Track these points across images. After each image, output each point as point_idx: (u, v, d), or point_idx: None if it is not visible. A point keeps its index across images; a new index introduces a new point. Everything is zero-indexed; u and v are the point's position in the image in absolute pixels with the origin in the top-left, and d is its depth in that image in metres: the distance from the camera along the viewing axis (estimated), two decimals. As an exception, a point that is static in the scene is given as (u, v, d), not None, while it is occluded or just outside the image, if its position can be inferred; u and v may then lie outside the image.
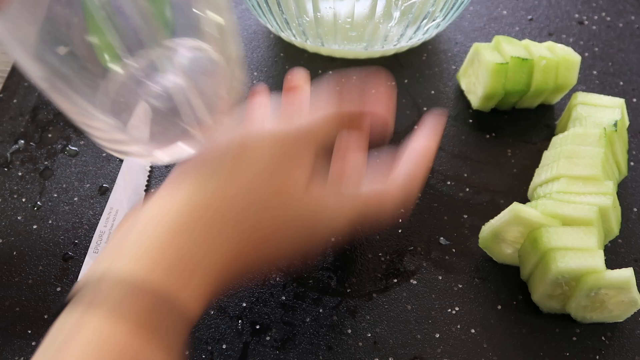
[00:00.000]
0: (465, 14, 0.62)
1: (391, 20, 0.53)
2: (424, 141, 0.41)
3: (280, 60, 0.58)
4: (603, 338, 0.44)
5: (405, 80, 0.57)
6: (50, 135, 0.53)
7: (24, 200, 0.49)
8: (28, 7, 0.29)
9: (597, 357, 0.43)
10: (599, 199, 0.44)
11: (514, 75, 0.51)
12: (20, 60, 0.31)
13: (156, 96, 0.33)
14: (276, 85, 0.56)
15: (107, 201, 0.49)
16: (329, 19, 0.53)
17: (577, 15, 0.62)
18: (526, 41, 0.53)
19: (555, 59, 0.51)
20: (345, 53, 0.57)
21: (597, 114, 0.49)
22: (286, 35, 0.57)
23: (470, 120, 0.54)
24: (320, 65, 0.57)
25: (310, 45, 0.57)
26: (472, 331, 0.44)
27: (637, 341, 0.44)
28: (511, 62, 0.51)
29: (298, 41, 0.57)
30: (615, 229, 0.45)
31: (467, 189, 0.50)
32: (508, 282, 0.46)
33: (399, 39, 0.55)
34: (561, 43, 0.60)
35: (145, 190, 0.50)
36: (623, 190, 0.50)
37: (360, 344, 0.43)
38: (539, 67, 0.51)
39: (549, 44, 0.53)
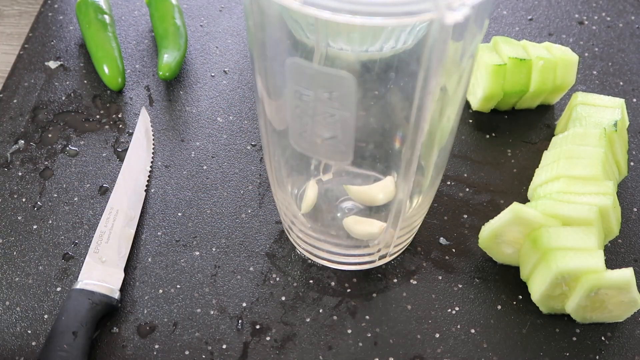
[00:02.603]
0: (465, 14, 0.62)
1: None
2: None
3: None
4: (603, 338, 0.44)
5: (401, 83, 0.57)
6: (50, 135, 0.53)
7: (24, 200, 0.49)
8: None
9: (597, 357, 0.43)
10: (599, 199, 0.44)
11: (512, 76, 0.51)
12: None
13: None
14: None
15: (107, 201, 0.49)
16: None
17: (577, 15, 0.62)
18: (524, 42, 0.53)
19: (553, 59, 0.51)
20: (348, 55, 0.57)
21: (597, 114, 0.49)
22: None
23: (470, 121, 0.54)
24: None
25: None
26: (472, 331, 0.44)
27: (637, 341, 0.44)
28: (509, 63, 0.51)
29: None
30: (615, 229, 0.45)
31: (467, 189, 0.50)
32: (508, 282, 0.46)
33: (396, 40, 0.55)
34: (561, 43, 0.60)
35: (146, 191, 0.50)
36: (623, 190, 0.50)
37: (360, 344, 0.43)
38: (537, 67, 0.51)
39: (547, 44, 0.53)
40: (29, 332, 0.43)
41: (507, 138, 0.53)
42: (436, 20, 0.28)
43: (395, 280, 0.46)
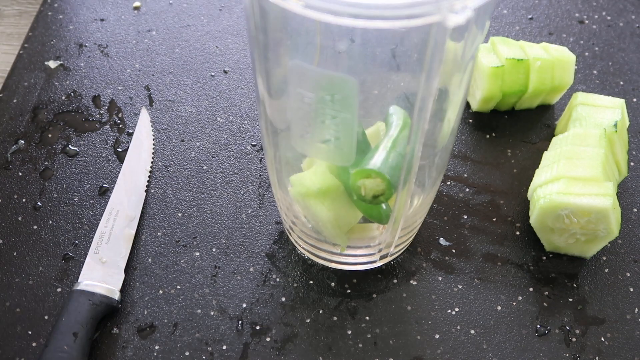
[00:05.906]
0: (465, 14, 0.61)
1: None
2: None
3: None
4: (603, 339, 0.44)
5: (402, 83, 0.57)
6: (50, 135, 0.53)
7: (24, 200, 0.49)
8: None
9: (597, 357, 0.43)
10: (599, 199, 0.44)
11: (510, 77, 0.51)
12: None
13: None
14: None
15: (107, 202, 0.49)
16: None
17: (577, 15, 0.62)
18: (521, 42, 0.53)
19: (550, 59, 0.51)
20: (349, 58, 0.57)
21: (597, 115, 0.49)
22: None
23: (470, 121, 0.54)
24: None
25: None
26: (472, 332, 0.44)
27: (637, 341, 0.44)
28: (507, 64, 0.51)
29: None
30: (615, 229, 0.45)
31: (467, 189, 0.50)
32: (508, 283, 0.46)
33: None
34: (561, 42, 0.60)
35: (146, 191, 0.50)
36: (623, 191, 0.50)
37: (360, 344, 0.43)
38: (535, 68, 0.51)
39: (544, 44, 0.53)
40: (30, 332, 0.43)
41: (507, 138, 0.53)
42: (438, 23, 0.28)
43: (395, 281, 0.46)
